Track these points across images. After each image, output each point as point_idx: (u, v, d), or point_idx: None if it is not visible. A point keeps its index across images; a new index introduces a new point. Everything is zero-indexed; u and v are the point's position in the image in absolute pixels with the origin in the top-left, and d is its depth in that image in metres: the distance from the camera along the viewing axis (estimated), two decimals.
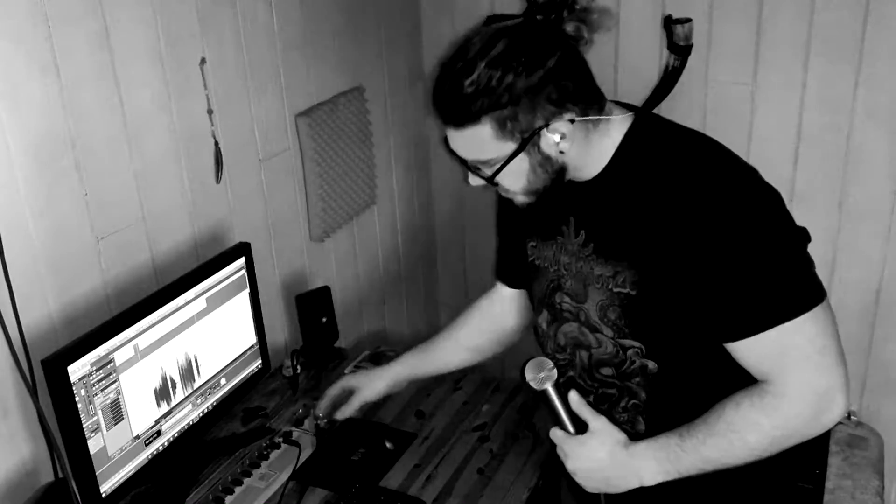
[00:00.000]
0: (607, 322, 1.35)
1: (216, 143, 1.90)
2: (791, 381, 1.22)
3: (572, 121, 1.24)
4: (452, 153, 1.31)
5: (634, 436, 1.36)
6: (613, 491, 1.34)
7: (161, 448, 1.67)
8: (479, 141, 1.25)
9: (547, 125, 1.23)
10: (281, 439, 1.80)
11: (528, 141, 1.24)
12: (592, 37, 1.25)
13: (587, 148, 1.29)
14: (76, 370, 1.45)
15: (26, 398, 1.50)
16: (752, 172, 1.27)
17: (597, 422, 1.34)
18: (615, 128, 1.32)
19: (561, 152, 1.26)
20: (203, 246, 1.91)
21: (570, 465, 1.35)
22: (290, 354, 2.10)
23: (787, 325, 1.20)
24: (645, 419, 1.38)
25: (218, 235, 1.95)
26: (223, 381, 1.82)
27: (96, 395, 1.50)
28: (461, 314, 1.83)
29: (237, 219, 2.00)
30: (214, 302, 1.76)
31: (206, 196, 1.90)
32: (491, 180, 1.31)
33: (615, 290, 1.32)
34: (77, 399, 1.46)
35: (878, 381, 2.40)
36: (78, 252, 1.62)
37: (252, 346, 1.90)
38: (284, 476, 1.72)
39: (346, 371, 2.12)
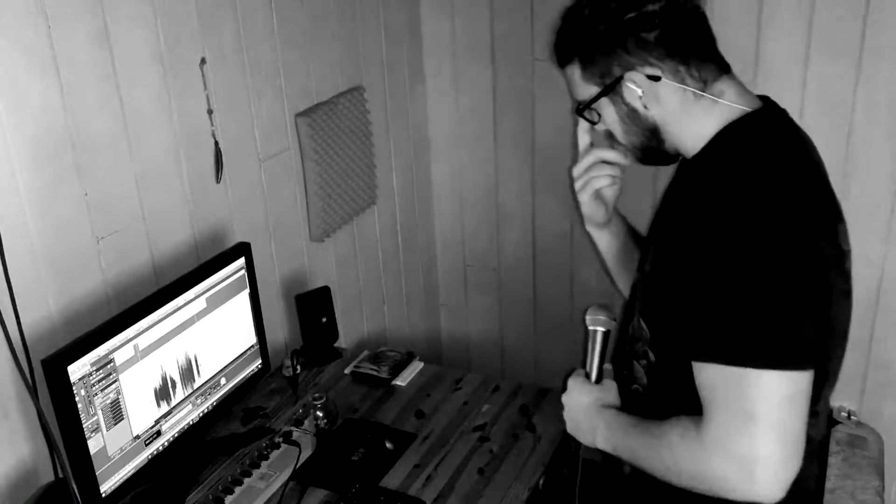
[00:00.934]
0: (636, 296, 1.41)
1: (216, 143, 1.90)
2: (712, 428, 1.14)
3: (656, 78, 1.25)
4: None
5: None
6: (580, 438, 1.43)
7: (161, 448, 1.67)
8: (574, 81, 1.32)
9: (622, 76, 1.26)
10: (281, 439, 1.80)
11: (609, 88, 1.28)
12: None
13: (685, 118, 1.28)
14: (76, 370, 1.45)
15: (26, 398, 1.50)
16: (794, 219, 1.16)
17: (609, 381, 1.43)
18: (717, 113, 1.27)
19: (646, 107, 1.28)
20: (203, 246, 1.91)
21: (563, 398, 1.45)
22: (290, 354, 2.10)
23: (729, 368, 1.12)
24: (641, 407, 1.37)
25: (218, 235, 1.95)
26: (223, 380, 1.82)
27: (96, 395, 1.50)
28: None
29: (237, 219, 2.00)
30: (214, 302, 1.76)
31: (206, 196, 1.90)
32: (583, 116, 1.36)
33: (645, 268, 1.38)
34: (77, 399, 1.46)
35: (878, 381, 2.40)
36: (78, 252, 1.62)
37: (252, 346, 1.90)
38: (284, 476, 1.72)
39: (346, 371, 2.12)
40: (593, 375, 1.43)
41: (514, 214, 2.80)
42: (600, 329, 1.41)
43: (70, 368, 1.44)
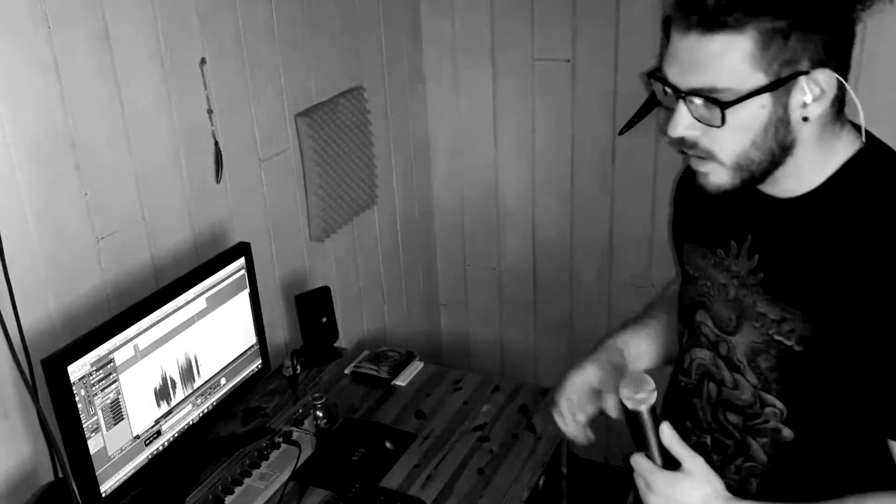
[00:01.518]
0: (755, 368, 1.15)
1: (216, 143, 1.90)
2: None
3: (838, 84, 1.01)
4: (667, 84, 1.04)
5: (740, 494, 1.15)
6: None
7: (161, 448, 1.67)
8: (726, 58, 0.98)
9: (808, 72, 0.99)
10: (281, 439, 1.80)
11: (782, 82, 0.99)
12: (861, 14, 1.06)
13: (817, 144, 1.06)
14: (76, 370, 1.45)
15: (26, 398, 1.50)
16: None
17: (694, 463, 1.11)
18: (841, 143, 1.09)
19: (805, 119, 1.02)
20: (203, 246, 1.91)
21: (654, 501, 1.12)
22: (290, 354, 2.10)
23: None
24: (759, 484, 1.21)
25: (218, 235, 1.95)
26: (223, 380, 1.82)
27: (96, 394, 1.50)
28: (658, 303, 1.52)
29: (237, 219, 2.00)
30: (214, 302, 1.76)
31: (206, 196, 1.90)
32: (721, 116, 1.00)
33: (776, 337, 1.11)
34: (77, 399, 1.46)
35: None
36: (78, 252, 1.62)
37: (252, 346, 1.90)
38: (284, 476, 1.72)
39: (346, 371, 2.12)
40: (658, 460, 1.13)
41: (514, 214, 2.80)
42: (644, 408, 1.11)
43: (70, 368, 1.44)
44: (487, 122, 2.71)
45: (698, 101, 1.02)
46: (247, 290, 1.86)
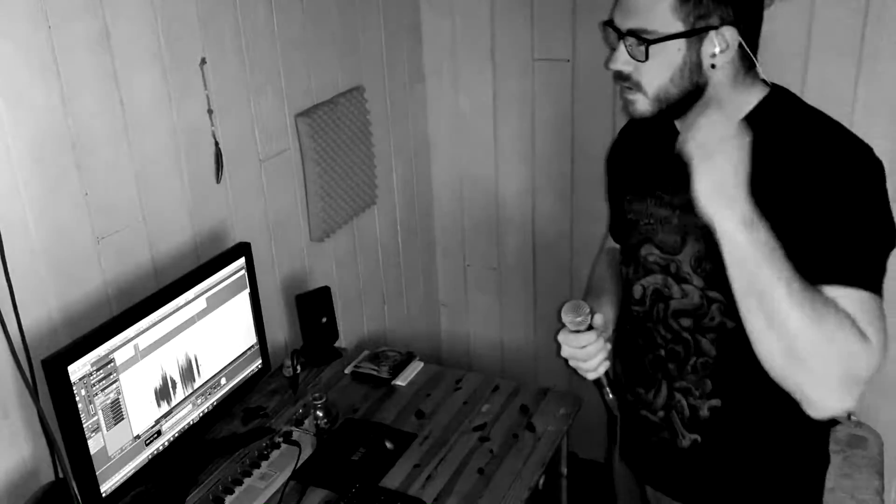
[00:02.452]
0: (700, 272, 1.39)
1: (216, 143, 1.90)
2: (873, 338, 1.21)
3: (740, 44, 1.27)
4: (612, 27, 1.33)
5: (701, 396, 1.44)
6: (716, 196, 1.21)
7: (161, 448, 1.67)
8: (655, 6, 1.26)
9: (717, 27, 1.26)
10: (281, 439, 1.80)
11: (695, 32, 1.26)
12: None
13: (730, 90, 1.32)
14: (76, 370, 1.45)
15: (26, 398, 1.50)
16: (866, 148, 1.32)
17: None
18: (752, 90, 1.35)
19: (713, 66, 1.28)
20: (203, 246, 1.91)
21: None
22: (291, 354, 2.10)
23: (868, 294, 1.21)
24: (713, 381, 1.43)
25: (218, 235, 1.95)
26: (223, 380, 1.82)
27: (96, 394, 1.50)
28: (596, 269, 1.77)
29: (237, 219, 2.00)
30: (214, 302, 1.76)
31: (206, 196, 1.90)
32: (646, 53, 1.28)
33: (715, 240, 1.26)
34: (77, 399, 1.46)
35: (878, 381, 2.39)
36: (78, 252, 1.62)
37: (252, 346, 1.90)
38: (284, 476, 1.72)
39: (346, 371, 2.12)
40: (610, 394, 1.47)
41: (514, 214, 2.80)
42: (583, 329, 1.41)
43: (70, 368, 1.44)
44: (487, 122, 2.71)
45: (631, 39, 1.29)
46: (247, 291, 1.86)
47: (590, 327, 1.40)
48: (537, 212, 2.76)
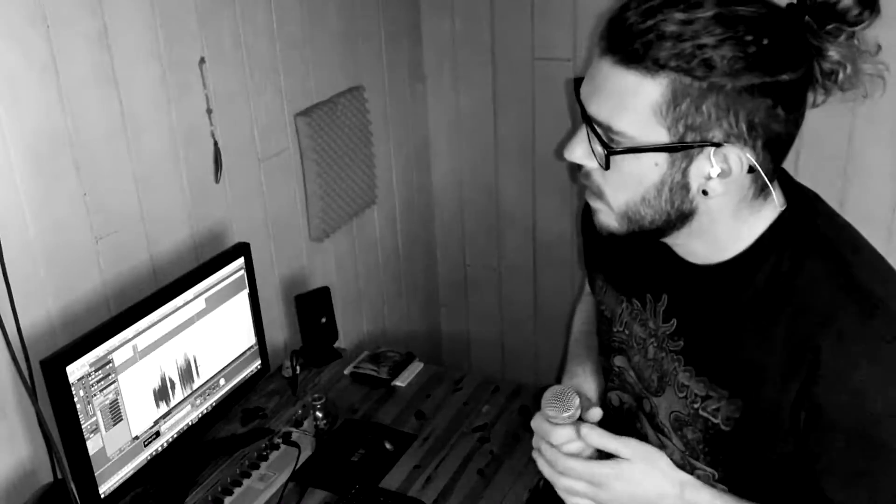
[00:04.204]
0: (681, 437, 1.10)
1: (215, 143, 1.89)
2: None
3: (752, 169, 0.93)
4: (580, 103, 0.97)
5: None
6: None
7: (160, 449, 1.67)
8: (635, 98, 0.90)
9: (720, 145, 0.91)
10: (280, 440, 1.79)
11: (684, 147, 0.91)
12: (836, 91, 0.96)
13: (730, 219, 0.99)
14: (75, 371, 1.45)
15: (25, 399, 1.49)
16: None
17: (630, 447, 1.08)
18: (761, 215, 1.01)
19: (704, 193, 0.94)
20: (202, 246, 1.90)
21: (606, 494, 1.08)
22: (290, 355, 2.09)
23: None
24: None
25: (217, 235, 1.94)
26: (222, 381, 1.82)
27: (95, 395, 1.49)
28: (576, 323, 1.47)
29: (236, 219, 2.00)
30: (213, 302, 1.76)
31: (205, 196, 1.90)
32: (606, 162, 0.94)
33: (702, 413, 1.06)
34: (76, 400, 1.46)
35: None
36: (77, 252, 1.61)
37: (251, 347, 1.90)
38: (284, 477, 1.72)
39: (346, 372, 2.12)
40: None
41: (514, 214, 2.80)
42: (569, 424, 1.12)
43: (69, 369, 1.44)
44: (487, 121, 2.71)
45: (595, 131, 0.95)
46: (246, 291, 1.86)
47: (579, 418, 1.12)
48: (537, 212, 2.76)
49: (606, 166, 0.94)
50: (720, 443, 1.06)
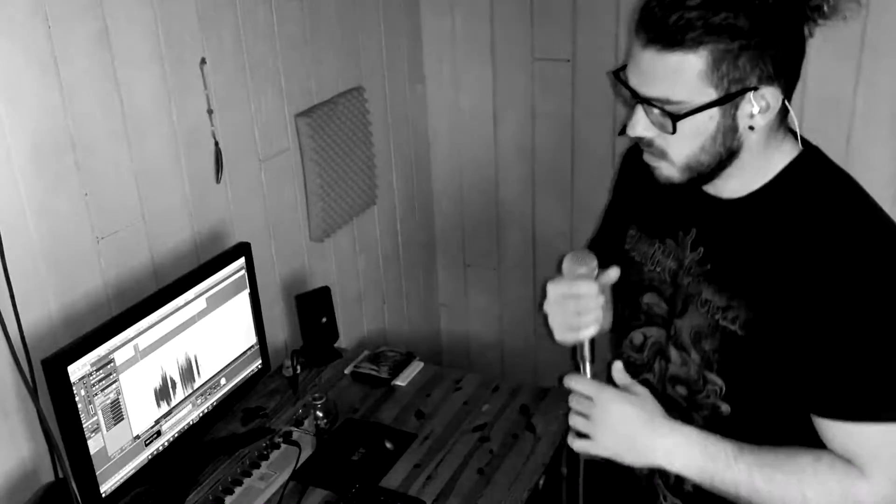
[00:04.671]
0: (699, 349, 1.24)
1: (216, 143, 1.90)
2: (880, 475, 1.12)
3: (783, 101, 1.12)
4: (627, 87, 1.14)
5: None
6: (628, 459, 1.23)
7: (161, 448, 1.67)
8: (681, 74, 1.07)
9: (757, 88, 1.09)
10: (281, 439, 1.80)
11: (732, 97, 1.08)
12: (820, 23, 1.12)
13: (762, 150, 1.17)
14: (76, 370, 1.45)
15: (26, 398, 1.50)
16: None
17: (641, 389, 1.24)
18: (783, 149, 1.19)
19: (751, 128, 1.12)
20: (203, 246, 1.91)
21: (597, 413, 1.22)
22: (290, 354, 2.10)
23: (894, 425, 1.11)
24: None
25: (218, 235, 1.95)
26: (223, 381, 1.82)
27: (96, 395, 1.50)
28: None
29: (237, 219, 2.00)
30: (214, 302, 1.76)
31: (205, 196, 1.90)
32: (673, 128, 1.10)
33: (721, 322, 1.21)
34: (77, 399, 1.46)
35: None
36: (78, 252, 1.62)
37: (252, 347, 1.90)
38: (284, 476, 1.72)
39: (346, 371, 2.12)
40: (588, 366, 1.27)
41: (514, 214, 2.80)
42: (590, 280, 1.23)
43: (70, 368, 1.44)
44: (487, 121, 2.71)
45: (653, 108, 1.12)
46: (247, 291, 1.86)
47: (592, 339, 1.26)
48: (537, 211, 2.76)
49: (674, 131, 1.11)
50: (733, 350, 1.20)
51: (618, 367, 1.26)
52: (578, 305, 1.23)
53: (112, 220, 1.67)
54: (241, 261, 1.83)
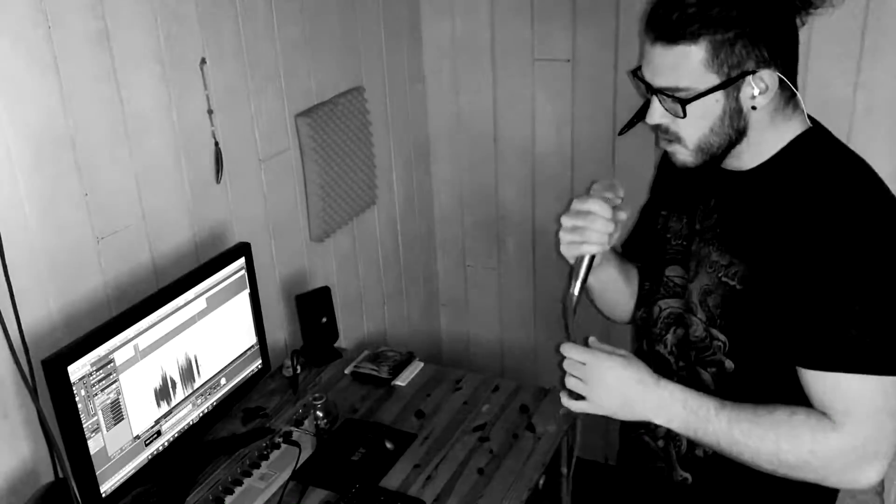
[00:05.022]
0: (705, 307, 1.35)
1: (216, 144, 1.90)
2: (851, 426, 1.21)
3: (781, 81, 1.22)
4: (643, 82, 1.27)
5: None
6: (621, 415, 1.33)
7: (161, 448, 1.67)
8: (685, 64, 1.20)
9: (755, 71, 1.20)
10: (281, 439, 1.80)
11: (732, 81, 1.20)
12: (810, 12, 1.24)
13: (768, 126, 1.27)
14: (76, 370, 1.45)
15: (26, 398, 1.50)
16: None
17: (624, 351, 1.33)
18: (790, 124, 1.30)
19: (754, 108, 1.23)
20: (203, 246, 1.91)
21: (591, 375, 1.31)
22: (291, 354, 2.10)
23: (872, 377, 1.19)
24: None
25: (218, 235, 1.95)
26: (223, 381, 1.82)
27: (96, 395, 1.50)
28: None
29: (237, 219, 2.00)
30: (214, 302, 1.76)
31: (206, 196, 1.90)
32: (683, 112, 1.23)
33: (724, 279, 1.32)
34: (77, 399, 1.46)
35: None
36: (78, 252, 1.62)
37: (252, 347, 1.90)
38: (284, 476, 1.72)
39: (346, 371, 2.12)
40: (577, 288, 1.35)
41: (514, 214, 2.80)
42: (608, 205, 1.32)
43: (70, 368, 1.44)
44: (487, 122, 2.71)
45: (665, 97, 1.25)
46: (247, 291, 1.86)
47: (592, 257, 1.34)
48: (537, 212, 2.76)
49: (684, 115, 1.24)
50: (734, 303, 1.31)
51: (592, 340, 1.36)
52: (587, 220, 1.32)
53: (112, 220, 1.68)
54: (241, 261, 1.83)
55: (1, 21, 1.42)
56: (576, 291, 1.35)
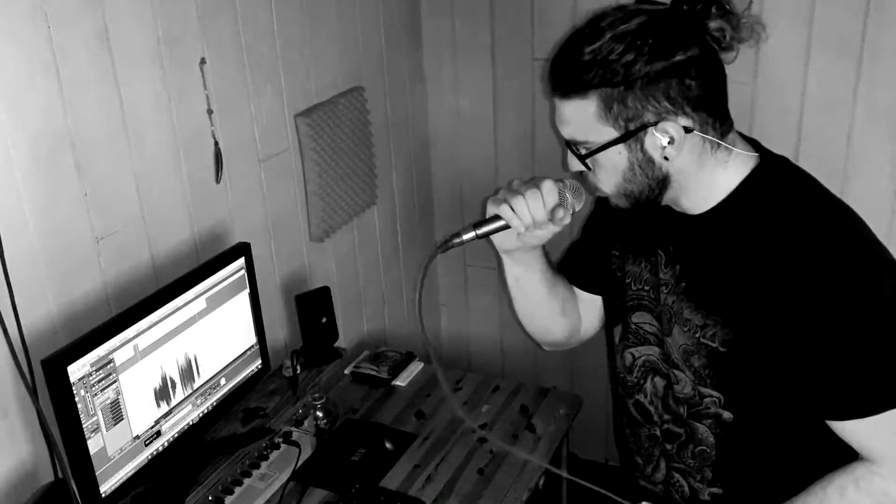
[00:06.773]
0: (689, 367, 1.30)
1: (216, 143, 1.90)
2: (889, 461, 1.18)
3: (688, 130, 1.17)
4: (556, 129, 1.26)
5: (702, 482, 1.35)
6: None
7: (161, 448, 1.67)
8: (582, 117, 1.18)
9: (656, 123, 1.16)
10: (281, 439, 1.80)
11: (631, 134, 1.16)
12: (736, 46, 1.18)
13: (699, 172, 1.22)
14: (76, 370, 1.45)
15: (26, 398, 1.50)
16: (878, 246, 1.21)
17: None
18: (736, 163, 1.23)
19: (666, 158, 1.18)
20: (203, 246, 1.91)
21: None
22: (290, 354, 2.10)
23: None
24: (713, 471, 1.35)
25: (218, 235, 1.95)
26: (223, 381, 1.82)
27: (96, 395, 1.50)
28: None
29: (237, 219, 2.00)
30: (214, 302, 1.76)
31: (205, 196, 1.90)
32: (584, 163, 1.22)
33: (703, 340, 1.27)
34: (77, 399, 1.46)
35: None
36: (78, 252, 1.62)
37: (252, 347, 1.90)
38: (284, 476, 1.72)
39: (346, 371, 2.12)
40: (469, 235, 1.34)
41: None
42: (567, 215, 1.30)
43: (70, 369, 1.44)
44: (487, 121, 2.71)
45: (572, 148, 1.24)
46: (247, 291, 1.86)
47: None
48: None
49: (587, 168, 1.24)
50: (722, 365, 1.25)
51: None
52: (527, 192, 1.29)
53: (112, 220, 1.67)
54: (241, 261, 1.83)
55: (1, 21, 1.42)
56: (465, 237, 1.35)
